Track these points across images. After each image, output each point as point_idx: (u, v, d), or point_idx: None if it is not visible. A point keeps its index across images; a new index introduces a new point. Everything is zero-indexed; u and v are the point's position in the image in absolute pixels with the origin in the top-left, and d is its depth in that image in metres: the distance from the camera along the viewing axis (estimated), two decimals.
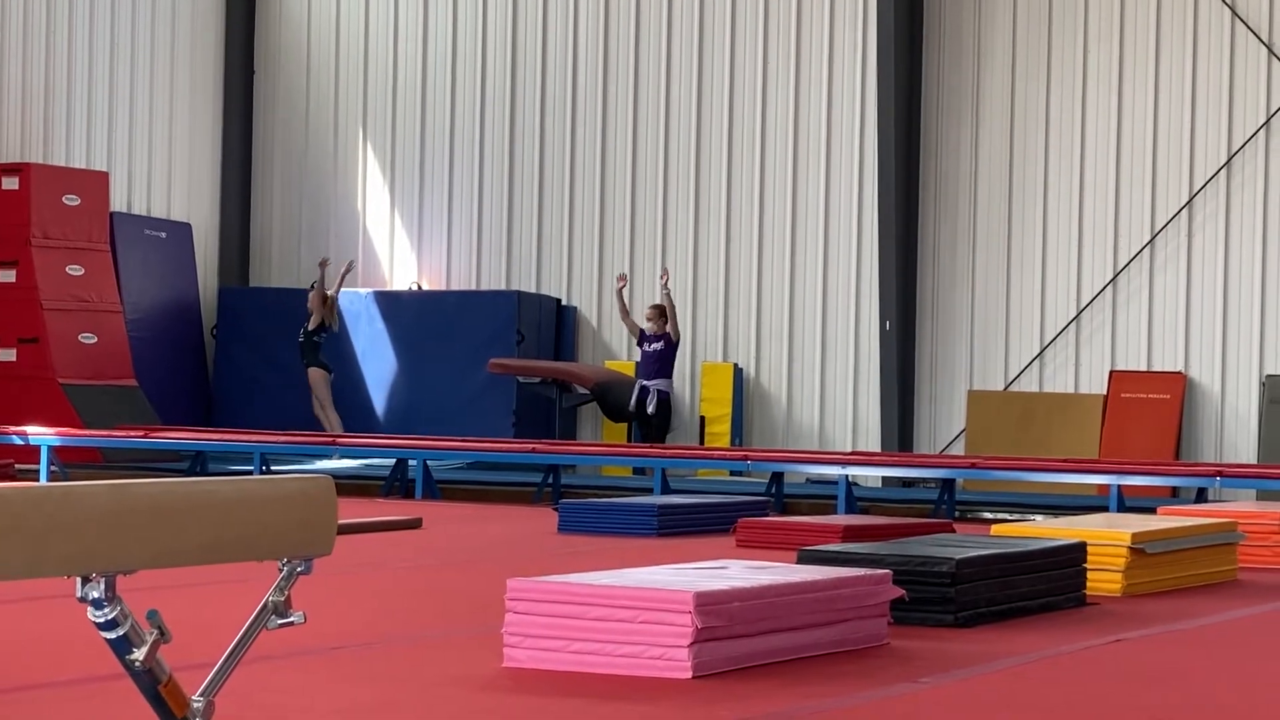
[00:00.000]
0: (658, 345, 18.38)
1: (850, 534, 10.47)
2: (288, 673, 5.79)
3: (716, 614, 5.82)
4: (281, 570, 3.65)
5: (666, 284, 18.89)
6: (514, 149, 21.87)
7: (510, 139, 21.89)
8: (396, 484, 16.51)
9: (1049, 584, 8.05)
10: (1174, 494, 16.85)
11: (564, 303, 21.57)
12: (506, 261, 21.88)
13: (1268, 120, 18.66)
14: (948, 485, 15.63)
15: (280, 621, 3.62)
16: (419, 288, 22.15)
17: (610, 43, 21.45)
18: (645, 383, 18.37)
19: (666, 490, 14.87)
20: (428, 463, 16.37)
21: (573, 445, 15.98)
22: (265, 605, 3.62)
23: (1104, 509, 14.49)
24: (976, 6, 19.85)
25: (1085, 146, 19.38)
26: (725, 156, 20.80)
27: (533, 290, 21.57)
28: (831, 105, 20.33)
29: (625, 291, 19.35)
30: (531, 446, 15.64)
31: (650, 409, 18.14)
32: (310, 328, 20.25)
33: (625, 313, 19.07)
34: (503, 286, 21.74)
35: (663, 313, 18.47)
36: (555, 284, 21.62)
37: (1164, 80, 19.14)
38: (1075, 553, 8.35)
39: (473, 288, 21.93)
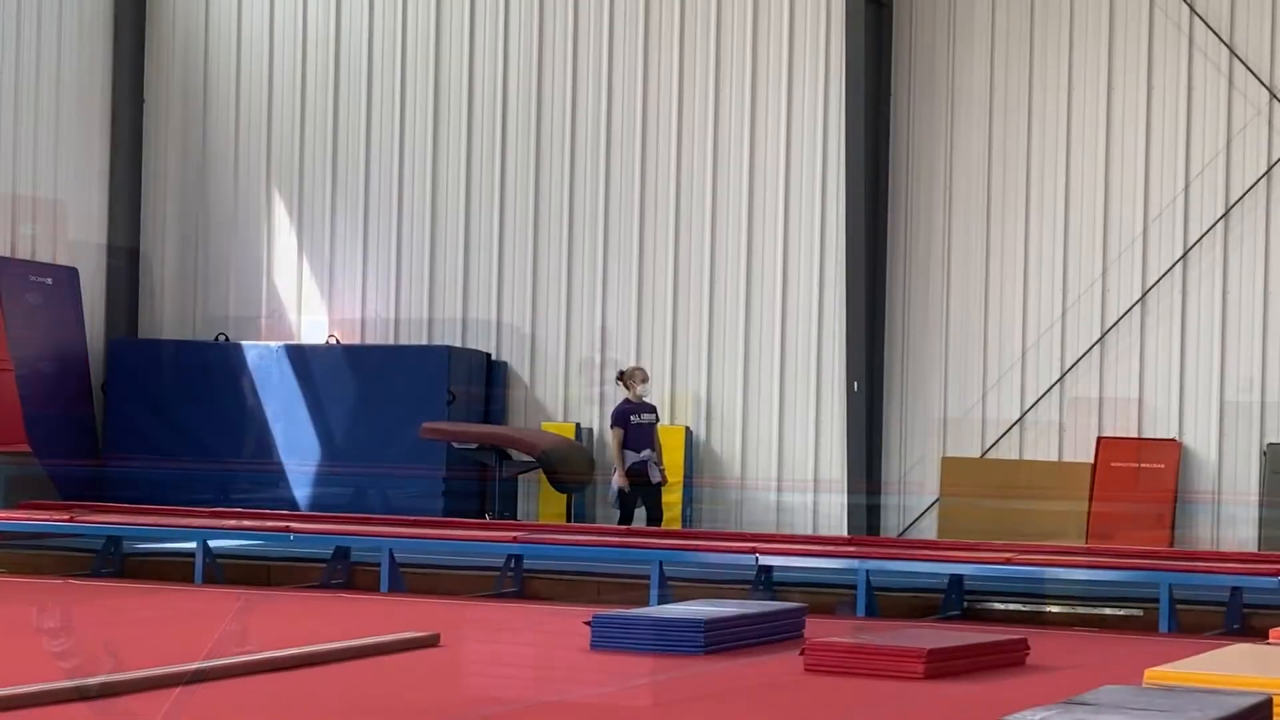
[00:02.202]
0: (650, 416, 16.62)
1: (934, 658, 9.36)
2: None
3: None
4: None
5: None
6: (436, 186, 20.12)
7: (433, 175, 20.14)
8: (339, 569, 14.71)
9: None
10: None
11: (494, 358, 19.81)
12: (429, 312, 20.09)
13: (1269, 170, 17.38)
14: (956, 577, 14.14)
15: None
16: (336, 341, 20.24)
17: (544, 83, 19.75)
18: (649, 454, 16.46)
19: (663, 584, 13.21)
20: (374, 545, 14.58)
21: (557, 534, 14.23)
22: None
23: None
24: (950, 51, 18.43)
25: (1070, 194, 18.01)
26: (673, 207, 19.17)
27: (458, 344, 19.80)
28: (790, 157, 18.73)
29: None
30: (512, 535, 13.90)
31: (655, 479, 16.35)
32: None
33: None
34: (424, 339, 19.95)
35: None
36: (483, 337, 19.88)
37: (1156, 126, 17.79)
38: (1262, 713, 6.96)
39: (390, 341, 20.12)
